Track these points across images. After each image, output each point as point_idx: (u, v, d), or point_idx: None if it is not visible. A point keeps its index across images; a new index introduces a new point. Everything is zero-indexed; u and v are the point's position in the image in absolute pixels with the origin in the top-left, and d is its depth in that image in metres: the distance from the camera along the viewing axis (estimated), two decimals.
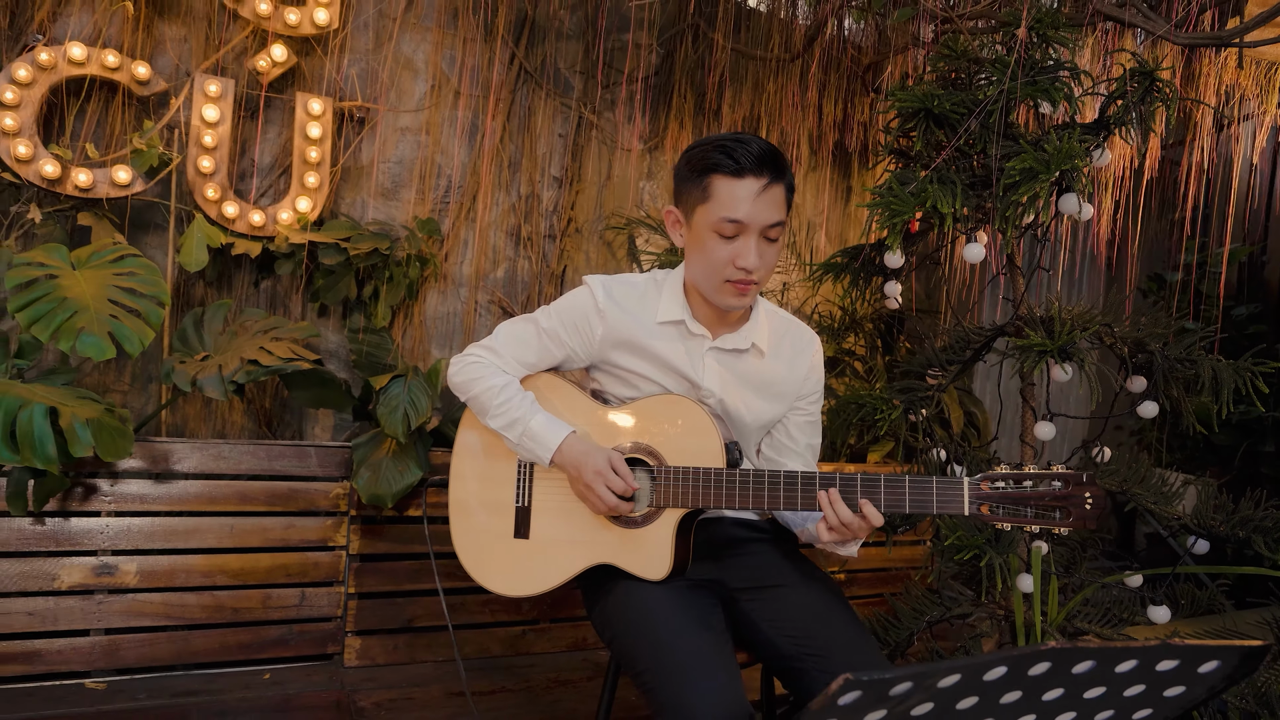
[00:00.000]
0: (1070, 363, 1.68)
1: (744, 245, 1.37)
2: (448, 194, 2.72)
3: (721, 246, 1.38)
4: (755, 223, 1.36)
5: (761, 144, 1.37)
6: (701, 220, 1.39)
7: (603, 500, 1.39)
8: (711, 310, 1.49)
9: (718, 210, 1.36)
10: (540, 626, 2.39)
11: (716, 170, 1.36)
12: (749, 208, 1.35)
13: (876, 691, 0.79)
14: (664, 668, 1.26)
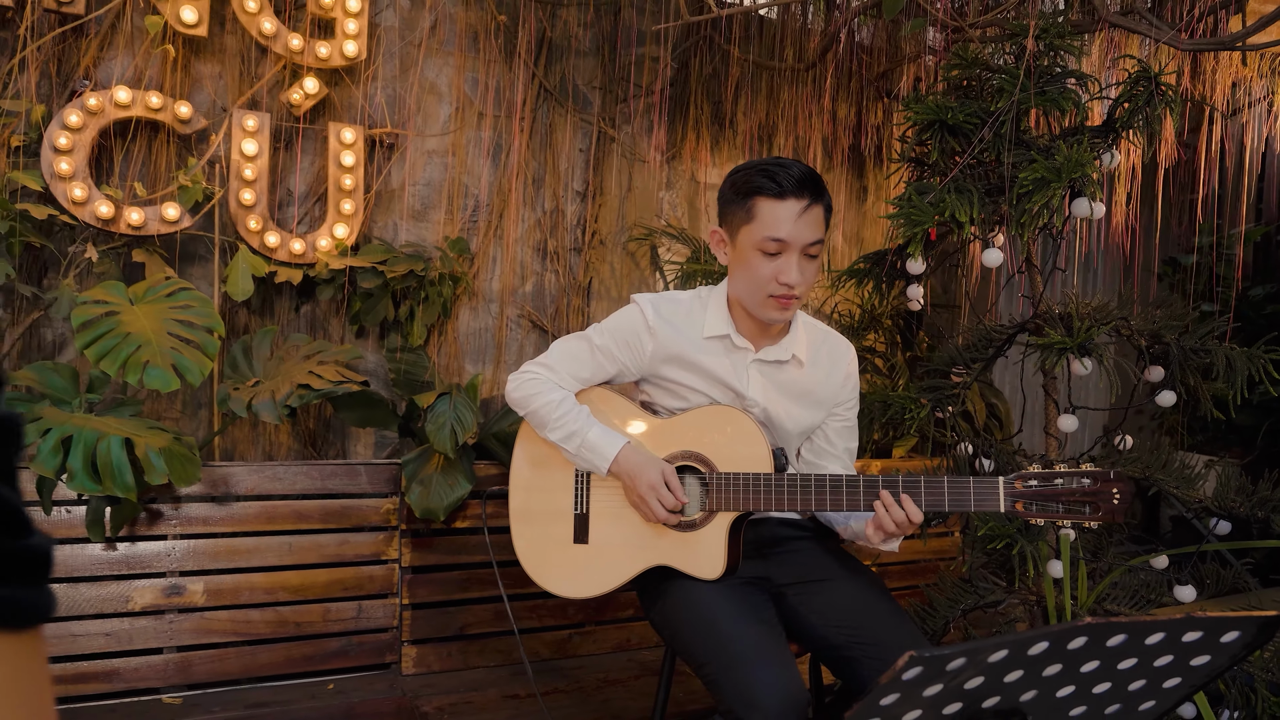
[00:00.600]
0: (1090, 358, 1.80)
1: (786, 262, 1.49)
2: (475, 213, 2.85)
3: (765, 264, 1.50)
4: (797, 241, 1.48)
5: (801, 168, 1.49)
6: (746, 239, 1.52)
7: (655, 513, 1.52)
8: (754, 324, 1.61)
9: (762, 230, 1.49)
10: (586, 629, 2.52)
11: (760, 193, 1.49)
12: (791, 227, 1.47)
13: (935, 667, 0.92)
14: (726, 660, 1.38)
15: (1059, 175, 1.68)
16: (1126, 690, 1.12)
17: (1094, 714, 1.15)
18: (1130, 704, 1.15)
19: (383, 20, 2.70)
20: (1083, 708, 1.13)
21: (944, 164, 1.98)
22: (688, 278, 2.99)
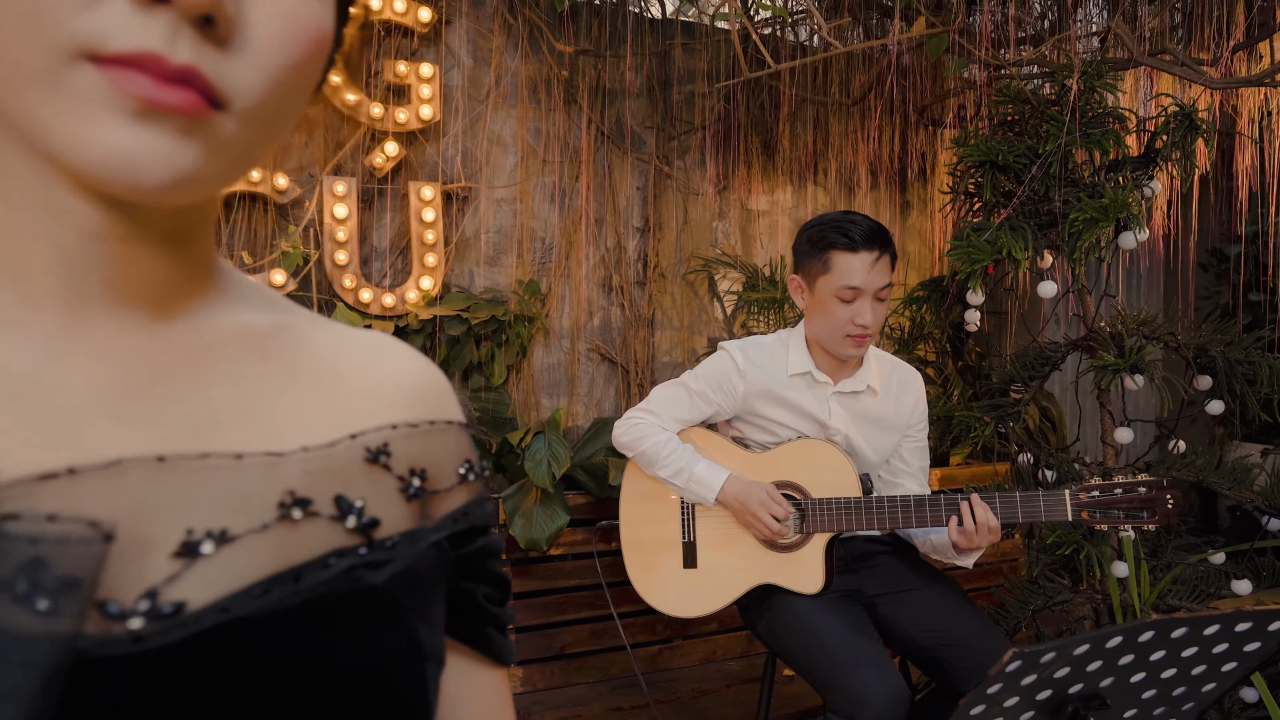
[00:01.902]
0: (1141, 374, 2.05)
1: (861, 307, 1.76)
2: (543, 254, 3.13)
3: (842, 309, 1.77)
4: (870, 288, 1.75)
5: (869, 222, 1.76)
6: (823, 288, 1.79)
7: (766, 525, 1.79)
8: (831, 360, 1.88)
9: (838, 280, 1.76)
10: (674, 644, 2.79)
11: (835, 246, 1.75)
12: (864, 277, 1.74)
13: (1031, 661, 1.17)
14: (834, 664, 1.65)
15: (1106, 214, 1.93)
16: (1190, 675, 1.37)
17: (1163, 696, 1.39)
18: (1194, 687, 1.40)
19: (450, 80, 2.99)
20: (1153, 691, 1.37)
21: (996, 200, 2.24)
22: (744, 305, 3.26)
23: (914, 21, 2.69)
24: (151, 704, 0.35)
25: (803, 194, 3.60)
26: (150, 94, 0.34)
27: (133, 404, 0.41)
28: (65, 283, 0.40)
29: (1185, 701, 1.44)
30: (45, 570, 0.33)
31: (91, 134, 0.34)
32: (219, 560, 0.39)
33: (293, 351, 0.48)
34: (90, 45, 0.33)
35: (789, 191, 3.58)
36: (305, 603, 0.40)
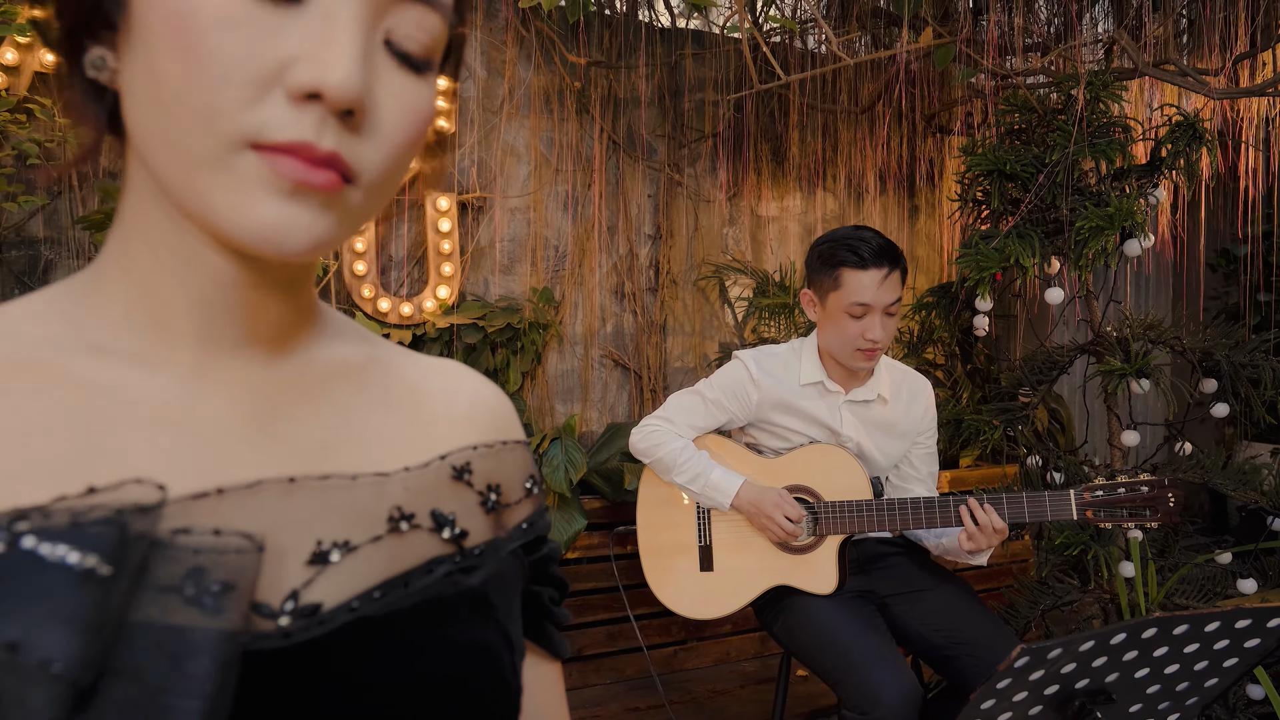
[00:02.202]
0: (1147, 379, 2.11)
1: (870, 322, 1.83)
2: (556, 262, 3.21)
3: (852, 324, 1.84)
4: (879, 304, 1.82)
5: (879, 239, 1.83)
6: (834, 303, 1.86)
7: (781, 527, 1.86)
8: (843, 370, 1.95)
9: (848, 296, 1.82)
10: (689, 645, 2.86)
11: (845, 264, 1.82)
12: (874, 293, 1.81)
13: (1039, 657, 1.24)
14: (848, 663, 1.72)
15: (1111, 223, 2.00)
16: (1192, 670, 1.43)
17: (1167, 691, 1.46)
18: (1196, 682, 1.46)
19: (464, 91, 3.06)
20: (1157, 686, 1.44)
21: (1004, 208, 2.30)
22: (755, 310, 3.33)
23: (921, 31, 2.76)
24: (299, 691, 0.42)
25: (812, 200, 3.66)
26: (302, 176, 0.41)
27: (259, 430, 0.48)
28: (200, 325, 0.47)
29: (1189, 696, 1.50)
30: (206, 576, 0.40)
31: (251, 209, 0.41)
32: (344, 567, 0.46)
33: (384, 380, 0.56)
34: (254, 136, 0.40)
35: (798, 197, 3.64)
36: (416, 604, 0.47)
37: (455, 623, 0.49)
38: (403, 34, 0.43)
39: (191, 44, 0.39)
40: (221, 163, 0.40)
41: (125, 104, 0.43)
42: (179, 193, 0.42)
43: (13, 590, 0.36)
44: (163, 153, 0.41)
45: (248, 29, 0.39)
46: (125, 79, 0.42)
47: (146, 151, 0.42)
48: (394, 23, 0.43)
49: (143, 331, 0.47)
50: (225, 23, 0.39)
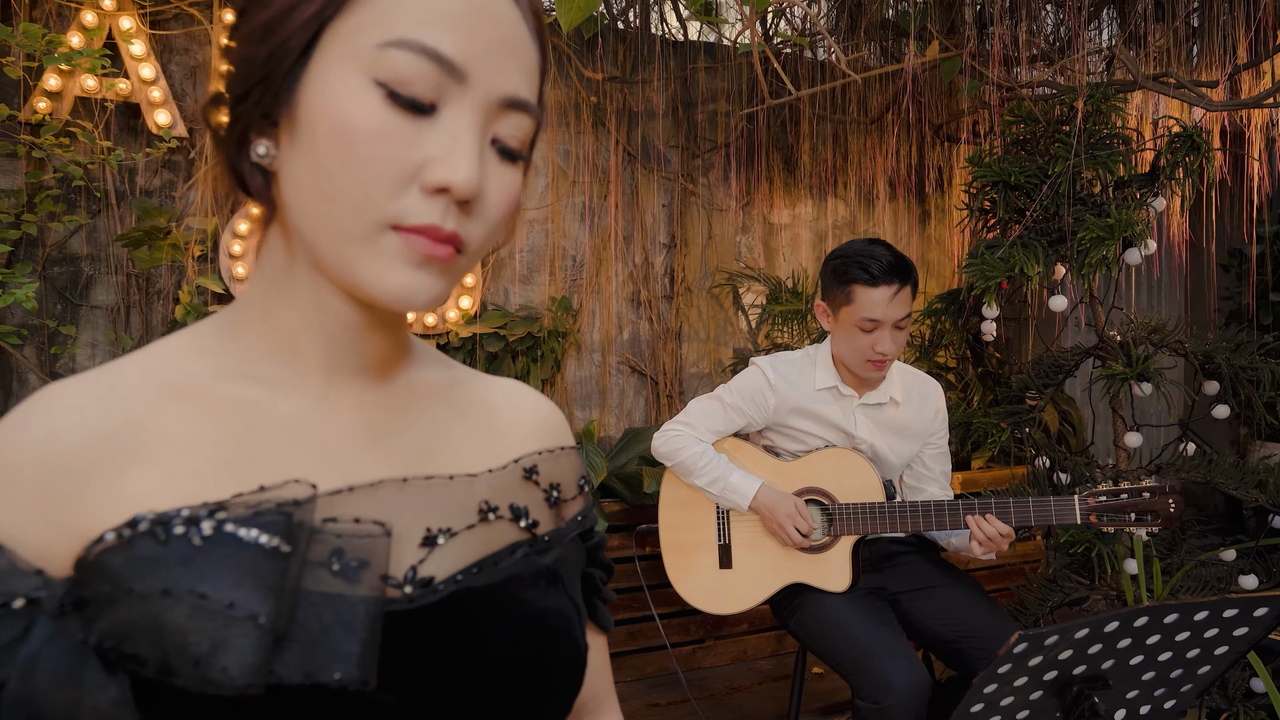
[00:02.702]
0: (1148, 383, 2.22)
1: (880, 336, 1.94)
2: (574, 272, 3.34)
3: (862, 337, 1.95)
4: (888, 319, 1.93)
5: (889, 256, 1.94)
6: (846, 317, 1.97)
7: (790, 537, 1.98)
8: (856, 375, 2.06)
9: (859, 311, 1.94)
10: (707, 644, 2.98)
11: (856, 281, 1.94)
12: (883, 309, 1.92)
13: (1037, 643, 1.35)
14: (861, 655, 1.83)
15: (1112, 233, 2.11)
16: (1185, 658, 1.54)
17: (1161, 678, 1.56)
18: (1190, 669, 1.57)
19: None
20: (1152, 673, 1.55)
21: (1008, 218, 2.42)
22: (768, 317, 3.44)
23: (929, 44, 2.88)
24: (422, 644, 0.55)
25: (823, 207, 3.78)
26: (429, 251, 0.53)
27: (374, 440, 0.61)
28: (326, 357, 0.60)
29: (1183, 683, 1.61)
30: (347, 555, 0.53)
31: (390, 275, 0.53)
32: (448, 549, 0.59)
33: (465, 398, 0.69)
34: (395, 220, 0.52)
35: (810, 205, 3.76)
36: (504, 578, 0.60)
37: (535, 593, 0.61)
38: (506, 134, 0.56)
39: (351, 150, 0.51)
40: (368, 240, 0.53)
41: (284, 185, 0.55)
42: (328, 259, 0.55)
43: (222, 563, 0.48)
44: (319, 228, 0.54)
45: (394, 139, 0.51)
46: (286, 167, 0.54)
47: (302, 225, 0.55)
48: (499, 126, 0.55)
49: (280, 362, 0.60)
50: (377, 134, 0.51)
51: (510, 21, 0.55)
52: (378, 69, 0.51)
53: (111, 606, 0.47)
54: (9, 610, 0.48)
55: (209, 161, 2.78)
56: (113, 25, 2.63)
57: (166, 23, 2.78)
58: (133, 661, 0.47)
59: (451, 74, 0.52)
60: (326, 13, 0.51)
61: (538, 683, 0.60)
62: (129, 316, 2.79)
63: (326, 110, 0.51)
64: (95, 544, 0.49)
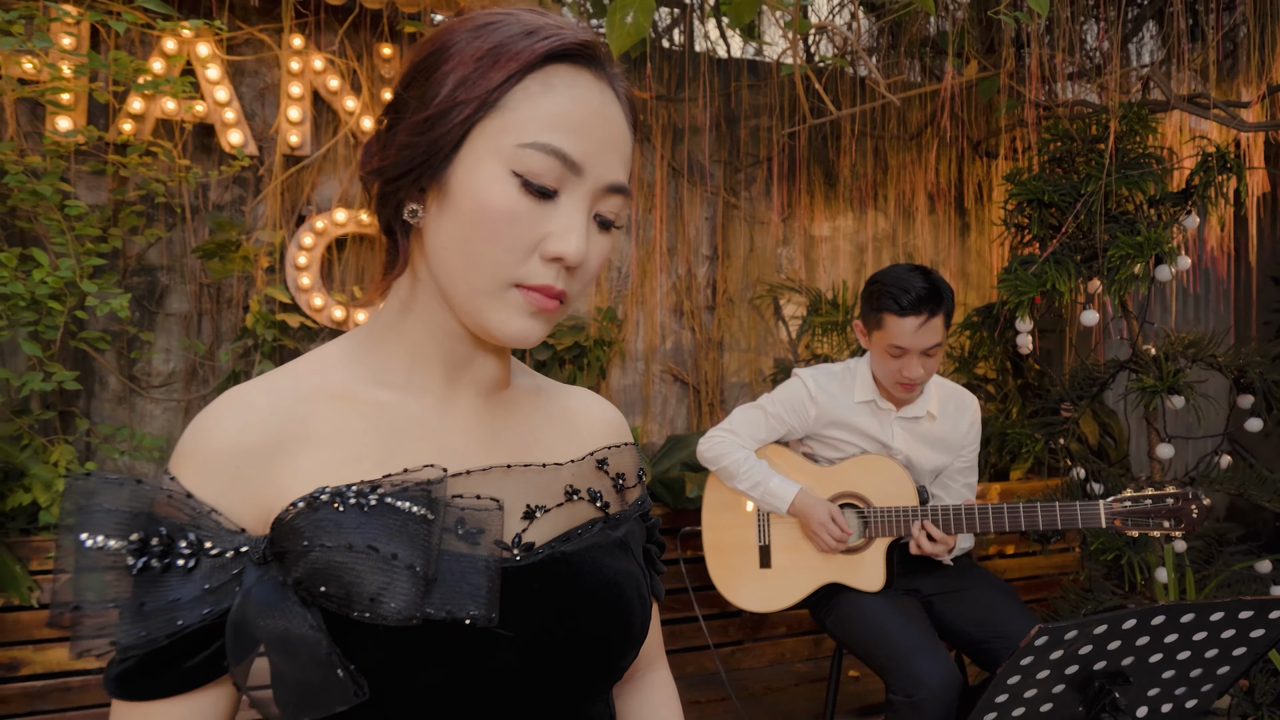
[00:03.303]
0: (1180, 396, 2.32)
1: (908, 362, 2.07)
2: (619, 283, 3.50)
3: (891, 361, 2.08)
4: (915, 348, 2.05)
5: (924, 286, 2.05)
6: (877, 341, 2.11)
7: (826, 543, 2.11)
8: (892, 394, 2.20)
9: (888, 338, 2.07)
10: (745, 646, 3.11)
11: (886, 309, 2.06)
12: (910, 338, 2.04)
13: (1056, 637, 1.47)
14: (895, 652, 1.96)
15: (1141, 251, 2.22)
16: (1204, 658, 1.64)
17: (1181, 677, 1.67)
18: (1209, 669, 1.67)
19: None
20: (1171, 672, 1.65)
21: (1043, 234, 2.53)
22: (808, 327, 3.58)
23: (967, 63, 3.00)
24: (527, 594, 0.71)
25: (863, 220, 3.90)
26: (543, 305, 0.69)
27: (484, 436, 0.77)
28: (447, 371, 0.76)
29: (1203, 683, 1.71)
30: (466, 524, 0.69)
31: (511, 322, 0.69)
32: (543, 521, 0.74)
33: (549, 403, 0.84)
34: (519, 280, 0.68)
35: (850, 218, 3.89)
36: (586, 546, 0.76)
37: (610, 558, 0.77)
38: (606, 210, 0.71)
39: (490, 226, 0.67)
40: (497, 295, 0.68)
41: (427, 241, 0.71)
42: (462, 304, 0.70)
43: (386, 525, 0.64)
44: (457, 281, 0.69)
45: (524, 218, 0.67)
46: (431, 227, 0.70)
47: (442, 275, 0.70)
48: (602, 205, 0.70)
49: (410, 373, 0.76)
50: (512, 215, 0.67)
51: (616, 122, 0.70)
52: (516, 163, 0.66)
53: (304, 557, 0.63)
54: (224, 559, 0.64)
55: (372, 220, 2.99)
56: (190, 51, 2.85)
57: (238, 47, 3.00)
58: (322, 598, 0.63)
59: (572, 169, 0.67)
60: (476, 116, 0.67)
61: (615, 626, 0.75)
62: (201, 323, 3.00)
63: (473, 192, 0.67)
64: (287, 510, 0.65)
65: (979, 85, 2.91)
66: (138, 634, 0.61)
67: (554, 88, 0.67)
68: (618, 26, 2.52)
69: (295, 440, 0.69)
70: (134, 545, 0.62)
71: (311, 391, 0.72)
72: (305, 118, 2.98)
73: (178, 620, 0.62)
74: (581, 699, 0.75)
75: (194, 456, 0.67)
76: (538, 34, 0.68)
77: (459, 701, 0.67)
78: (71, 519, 0.62)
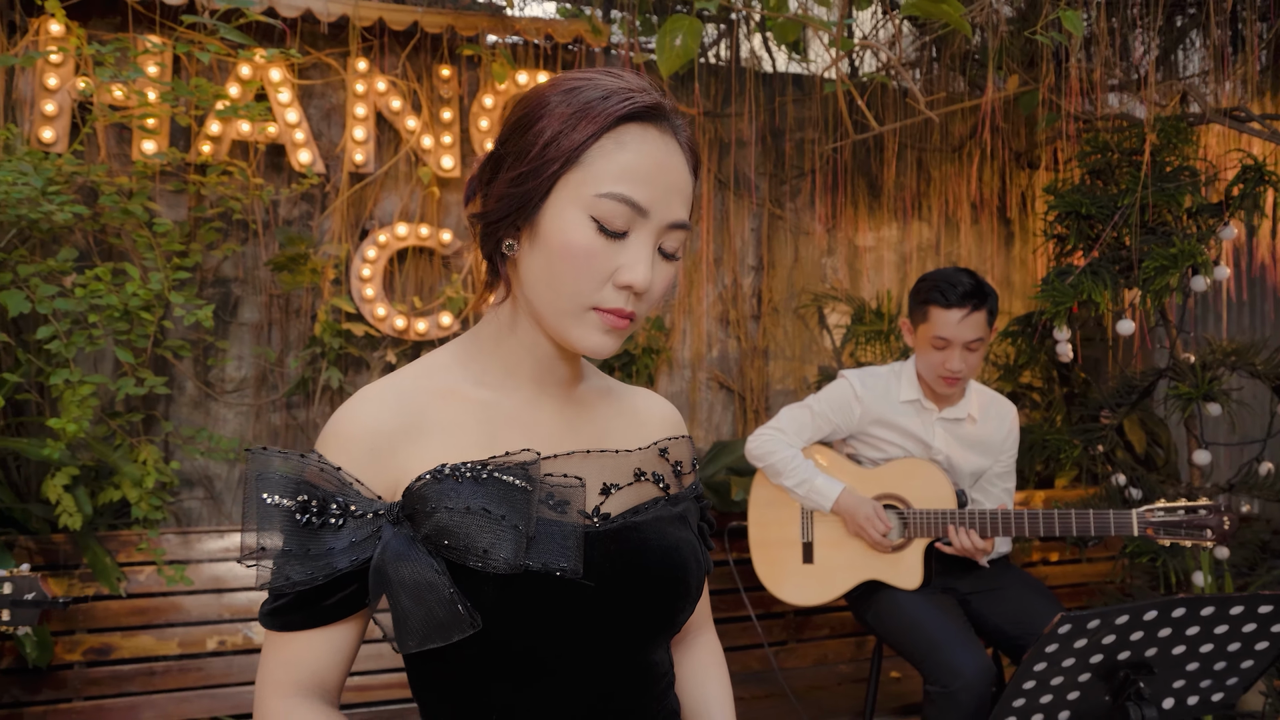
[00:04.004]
0: (1215, 403, 2.43)
1: (951, 354, 2.22)
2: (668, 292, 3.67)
3: (935, 354, 2.23)
4: (958, 340, 2.20)
5: (970, 283, 2.21)
6: (922, 335, 2.26)
7: (870, 537, 2.26)
8: (936, 391, 2.34)
9: (933, 329, 2.22)
10: (789, 646, 3.25)
11: (932, 302, 2.22)
12: (953, 330, 2.19)
13: (1080, 624, 1.61)
14: (931, 644, 2.10)
15: (1176, 262, 2.34)
16: (1226, 651, 1.75)
17: (1205, 670, 1.78)
18: (1233, 663, 1.79)
19: None
20: (1195, 664, 1.77)
21: (1081, 245, 2.66)
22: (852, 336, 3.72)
23: (1009, 77, 3.13)
24: (605, 554, 0.88)
25: (907, 230, 4.03)
26: (615, 324, 0.86)
27: (566, 427, 0.94)
28: (535, 374, 0.94)
29: (1228, 676, 1.82)
30: (555, 497, 0.87)
31: (589, 338, 0.86)
32: (616, 497, 0.92)
33: (618, 401, 1.02)
34: (596, 304, 0.84)
35: (895, 228, 4.02)
36: (652, 518, 0.93)
37: (672, 528, 0.94)
38: (668, 244, 0.87)
39: (573, 261, 0.84)
40: (578, 316, 0.86)
41: (521, 270, 0.88)
42: (549, 323, 0.87)
43: (495, 494, 0.82)
44: (545, 305, 0.87)
45: (600, 255, 0.83)
46: (524, 259, 0.88)
47: (533, 298, 0.87)
48: (665, 240, 0.87)
49: (505, 376, 0.93)
50: (590, 253, 0.83)
51: (679, 170, 0.87)
52: (593, 209, 0.83)
53: (430, 517, 0.81)
54: (365, 519, 0.82)
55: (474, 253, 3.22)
56: (264, 75, 3.09)
57: (307, 71, 3.24)
58: (445, 550, 0.81)
59: (640, 213, 0.84)
60: (561, 171, 0.84)
61: (675, 583, 0.92)
62: (271, 332, 3.24)
63: (559, 234, 0.84)
64: (416, 481, 0.83)
65: (1020, 100, 3.03)
66: (305, 573, 0.80)
67: (625, 145, 0.84)
68: (667, 49, 2.70)
69: (415, 428, 0.87)
70: (299, 505, 0.81)
71: (426, 390, 0.90)
72: (369, 137, 3.21)
73: (333, 564, 0.80)
74: (646, 644, 0.92)
75: (338, 439, 0.86)
76: (613, 98, 0.85)
77: (549, 639, 0.85)
78: (255, 482, 0.80)
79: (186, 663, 2.79)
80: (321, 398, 3.23)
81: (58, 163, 2.60)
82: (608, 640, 0.88)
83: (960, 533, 2.15)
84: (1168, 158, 2.58)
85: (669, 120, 0.88)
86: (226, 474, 3.22)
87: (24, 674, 2.63)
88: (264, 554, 0.80)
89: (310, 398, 3.24)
